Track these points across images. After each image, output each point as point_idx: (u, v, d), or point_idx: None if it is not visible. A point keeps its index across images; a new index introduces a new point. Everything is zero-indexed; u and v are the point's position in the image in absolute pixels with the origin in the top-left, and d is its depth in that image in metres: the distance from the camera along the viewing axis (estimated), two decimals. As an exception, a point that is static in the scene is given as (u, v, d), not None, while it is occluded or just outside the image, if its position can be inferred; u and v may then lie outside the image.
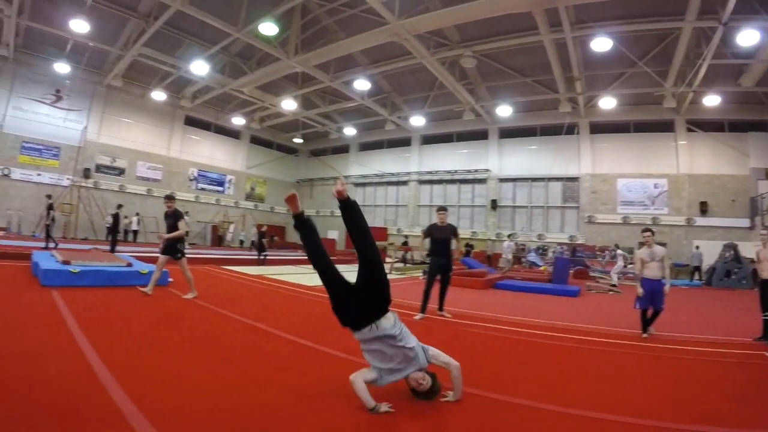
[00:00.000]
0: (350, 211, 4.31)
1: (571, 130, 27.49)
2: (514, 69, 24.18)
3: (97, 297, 8.62)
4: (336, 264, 4.31)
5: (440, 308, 9.17)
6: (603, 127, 27.70)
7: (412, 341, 3.98)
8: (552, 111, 26.99)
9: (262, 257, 21.08)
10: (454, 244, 9.20)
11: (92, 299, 8.33)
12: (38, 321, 6.39)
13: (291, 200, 4.41)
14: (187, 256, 9.81)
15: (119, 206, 18.90)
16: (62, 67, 26.56)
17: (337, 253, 29.00)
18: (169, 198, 9.98)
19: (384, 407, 3.67)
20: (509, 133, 31.06)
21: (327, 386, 4.29)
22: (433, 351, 4.08)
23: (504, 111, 26.94)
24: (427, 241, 9.39)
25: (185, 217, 10.48)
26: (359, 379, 3.83)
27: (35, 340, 5.33)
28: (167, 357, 5.12)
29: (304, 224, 4.34)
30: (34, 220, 22.73)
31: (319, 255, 4.28)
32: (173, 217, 9.67)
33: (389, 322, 3.94)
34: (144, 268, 11.06)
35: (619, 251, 20.27)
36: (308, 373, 4.79)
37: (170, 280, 11.13)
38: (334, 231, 36.04)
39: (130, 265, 11.35)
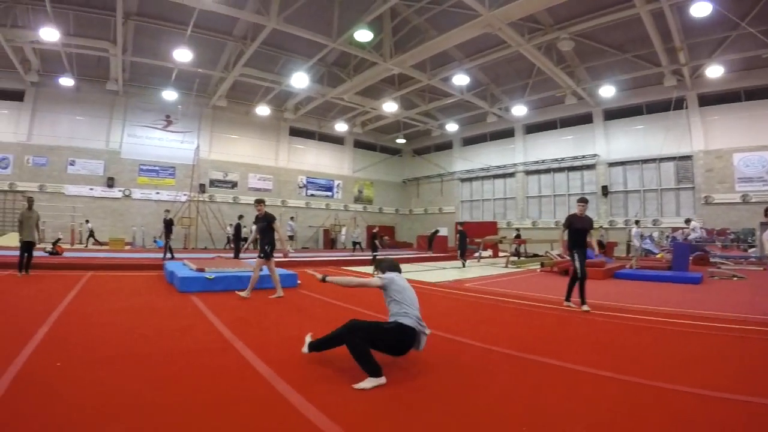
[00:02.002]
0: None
1: (679, 104, 26.08)
2: (612, 46, 24.03)
3: (231, 300, 9.51)
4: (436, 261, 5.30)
5: (583, 301, 8.94)
6: (712, 99, 26.38)
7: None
8: (656, 86, 26.53)
9: (373, 257, 22.09)
10: (590, 236, 9.35)
11: (228, 302, 9.19)
12: (189, 322, 7.23)
13: None
14: (302, 259, 10.59)
15: (240, 217, 20.94)
16: (169, 94, 30.30)
17: (448, 249, 30.13)
18: (259, 202, 10.62)
19: None
20: (614, 114, 30.57)
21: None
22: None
23: (607, 91, 26.80)
24: (566, 233, 9.40)
25: (292, 221, 11.28)
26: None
27: (192, 339, 6.12)
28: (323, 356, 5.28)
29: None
30: (155, 234, 25.49)
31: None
32: (264, 220, 10.23)
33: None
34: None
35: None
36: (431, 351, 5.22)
37: (299, 282, 12.14)
38: (443, 228, 36.96)
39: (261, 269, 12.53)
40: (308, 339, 5.19)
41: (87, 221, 28.07)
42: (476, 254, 26.11)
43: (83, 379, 4.26)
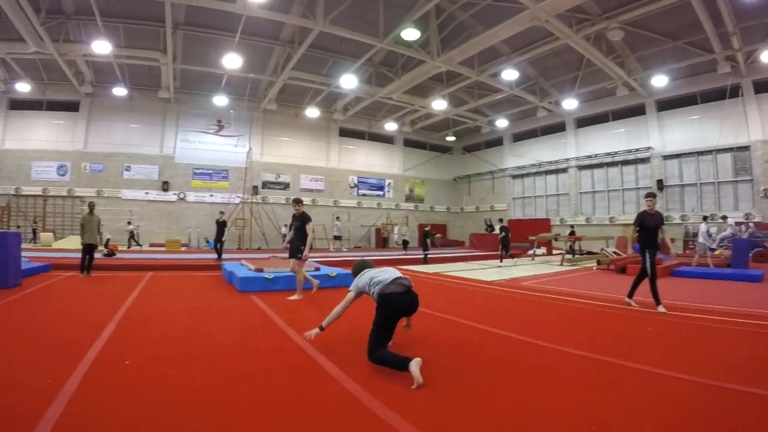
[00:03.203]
0: None
1: (734, 92, 25.77)
2: (662, 34, 23.84)
3: (289, 300, 9.81)
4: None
5: (658, 302, 8.77)
6: (769, 85, 25.65)
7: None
8: (710, 74, 26.21)
9: (425, 256, 22.61)
10: (662, 233, 9.10)
11: (287, 302, 9.47)
12: (252, 322, 7.52)
13: None
14: (353, 258, 10.78)
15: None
16: (220, 100, 31.69)
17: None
18: (297, 201, 10.64)
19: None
20: (667, 104, 30.00)
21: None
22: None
23: (659, 81, 26.57)
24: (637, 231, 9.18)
25: (338, 221, 11.36)
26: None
27: (257, 338, 6.39)
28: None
29: None
30: (210, 235, 26.56)
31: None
32: (301, 220, 10.28)
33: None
34: (332, 271, 12.60)
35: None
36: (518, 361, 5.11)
37: None
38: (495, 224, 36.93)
39: (317, 269, 12.76)
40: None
41: (129, 223, 29.53)
42: (530, 252, 26.34)
43: (154, 377, 4.52)
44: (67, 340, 5.95)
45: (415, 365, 4.35)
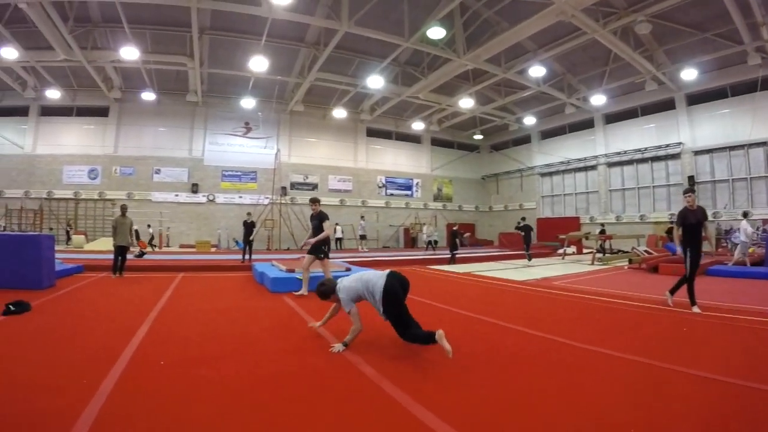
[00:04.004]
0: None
1: (765, 84, 25.36)
2: (690, 25, 23.55)
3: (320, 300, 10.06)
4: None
5: (693, 302, 8.76)
6: (801, 77, 25.21)
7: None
8: (740, 66, 25.81)
9: (452, 256, 22.82)
10: (704, 230, 8.96)
11: (319, 302, 8.92)
12: (285, 322, 7.67)
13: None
14: (379, 258, 10.90)
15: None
16: (248, 102, 32.41)
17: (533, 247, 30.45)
18: (314, 201, 10.89)
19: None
20: (697, 98, 29.71)
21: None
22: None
23: (688, 74, 26.35)
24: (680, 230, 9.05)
25: (363, 220, 11.63)
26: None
27: (292, 338, 6.49)
28: (419, 351, 5.60)
29: None
30: (239, 236, 27.08)
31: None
32: (318, 219, 10.50)
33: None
34: (363, 271, 12.85)
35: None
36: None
37: None
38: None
39: (348, 269, 12.73)
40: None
41: (149, 226, 30.13)
42: (560, 251, 26.44)
43: (190, 378, 4.60)
44: (101, 341, 6.16)
45: (440, 338, 5.03)
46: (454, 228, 24.35)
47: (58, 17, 21.27)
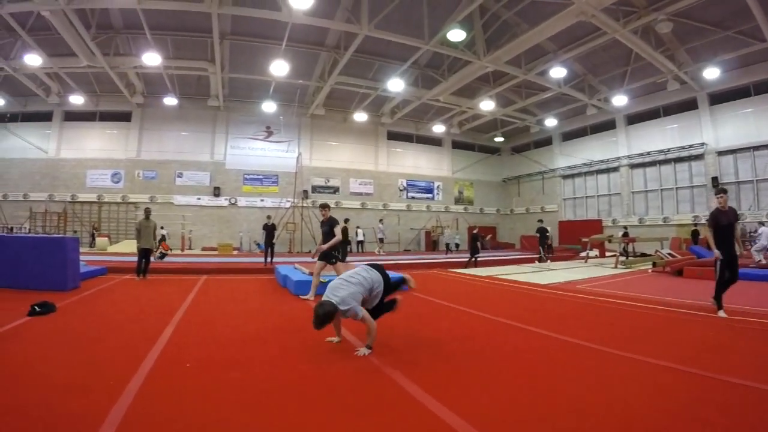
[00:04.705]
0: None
1: None
2: (711, 23, 23.33)
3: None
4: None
5: (719, 306, 8.70)
6: (825, 74, 25.32)
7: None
8: (763, 64, 25.87)
9: (474, 259, 22.76)
10: (735, 231, 8.85)
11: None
12: (311, 326, 7.05)
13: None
14: (400, 261, 10.90)
15: (346, 220, 21.40)
16: (269, 106, 33.02)
17: (555, 250, 30.50)
18: (324, 207, 11.04)
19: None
20: (720, 97, 29.31)
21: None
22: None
23: (710, 73, 26.12)
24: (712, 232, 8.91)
25: (381, 224, 11.63)
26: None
27: (317, 342, 6.37)
28: (446, 355, 5.80)
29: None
30: (260, 239, 27.61)
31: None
32: (329, 225, 10.62)
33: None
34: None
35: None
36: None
37: (408, 287, 12.50)
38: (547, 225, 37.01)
39: None
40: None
41: (161, 227, 29.57)
42: (583, 254, 26.48)
43: (216, 380, 4.65)
44: (127, 342, 6.28)
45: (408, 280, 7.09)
46: (474, 231, 24.34)
47: (81, 24, 21.93)
